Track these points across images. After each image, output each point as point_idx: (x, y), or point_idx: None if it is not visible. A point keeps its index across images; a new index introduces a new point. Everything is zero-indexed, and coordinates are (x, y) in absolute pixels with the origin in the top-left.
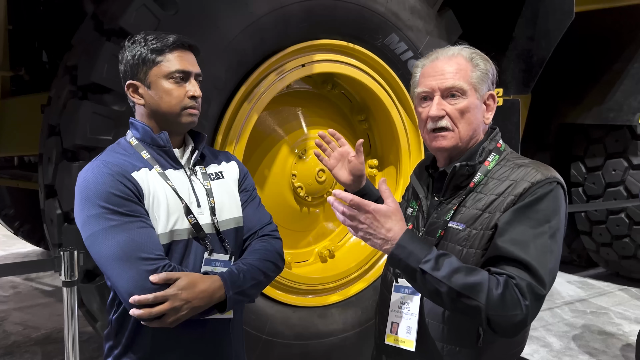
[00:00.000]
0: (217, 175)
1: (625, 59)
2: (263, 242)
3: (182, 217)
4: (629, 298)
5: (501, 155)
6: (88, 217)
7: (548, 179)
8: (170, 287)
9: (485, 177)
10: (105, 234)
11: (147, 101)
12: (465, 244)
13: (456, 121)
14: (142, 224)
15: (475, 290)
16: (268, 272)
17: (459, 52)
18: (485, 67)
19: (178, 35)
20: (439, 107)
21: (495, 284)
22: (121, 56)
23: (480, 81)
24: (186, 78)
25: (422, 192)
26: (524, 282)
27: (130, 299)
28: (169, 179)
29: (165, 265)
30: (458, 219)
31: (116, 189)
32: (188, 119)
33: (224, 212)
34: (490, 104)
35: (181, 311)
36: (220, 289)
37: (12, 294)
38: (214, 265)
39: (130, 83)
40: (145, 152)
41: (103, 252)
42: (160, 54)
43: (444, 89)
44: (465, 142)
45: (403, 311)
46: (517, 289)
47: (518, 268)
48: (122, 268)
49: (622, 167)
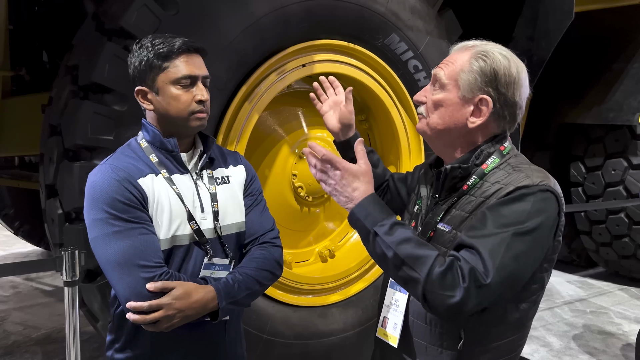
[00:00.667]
0: (223, 179)
1: (625, 59)
2: (262, 249)
3: (184, 223)
4: (629, 298)
5: (502, 158)
6: (93, 220)
7: (536, 185)
8: (165, 296)
9: (480, 180)
10: (108, 239)
11: (155, 107)
12: (449, 246)
13: (428, 111)
14: (144, 231)
15: (418, 262)
16: (264, 282)
17: (472, 47)
18: (479, 68)
19: (184, 39)
20: (421, 93)
21: (440, 262)
22: (129, 61)
23: (467, 81)
24: (193, 82)
25: (424, 190)
26: (468, 265)
27: (127, 304)
28: (174, 184)
29: (163, 273)
30: (447, 220)
31: (121, 195)
32: (197, 123)
33: (227, 217)
34: (482, 109)
35: (174, 319)
36: (214, 300)
37: (12, 294)
38: (213, 269)
39: (139, 89)
40: (153, 156)
41: (105, 255)
42: (167, 59)
43: (433, 76)
44: (436, 135)
45: (392, 307)
46: (460, 270)
47: (469, 253)
48: (121, 273)
49: (622, 167)
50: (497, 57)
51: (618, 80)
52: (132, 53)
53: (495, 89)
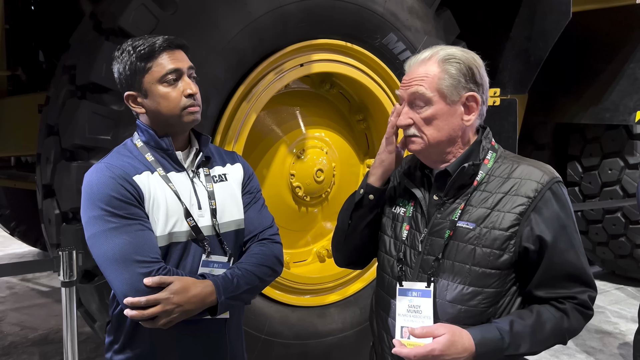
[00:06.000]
0: (220, 177)
1: (622, 59)
2: (262, 246)
3: (181, 219)
4: (625, 297)
5: (497, 152)
6: (90, 218)
7: (554, 178)
8: (163, 291)
9: (486, 175)
10: (105, 236)
11: (147, 109)
12: (477, 243)
13: (423, 129)
14: (141, 227)
15: (557, 338)
16: (264, 277)
17: (432, 56)
18: (457, 70)
19: (164, 37)
20: (405, 116)
21: (563, 319)
22: (114, 68)
23: (451, 86)
24: (179, 77)
25: (418, 192)
26: (584, 295)
27: (125, 300)
28: (170, 182)
29: (160, 268)
30: (466, 218)
31: (117, 192)
32: (190, 118)
33: (225, 215)
34: (471, 105)
35: (173, 314)
36: (212, 294)
37: (9, 295)
38: (211, 267)
39: (129, 95)
40: (149, 155)
41: (102, 252)
42: (149, 59)
43: (410, 96)
44: (438, 146)
45: (412, 314)
46: (581, 306)
47: (574, 283)
48: (118, 269)
49: (619, 166)
50: (460, 54)
51: (614, 80)
52: (115, 60)
53: (474, 82)
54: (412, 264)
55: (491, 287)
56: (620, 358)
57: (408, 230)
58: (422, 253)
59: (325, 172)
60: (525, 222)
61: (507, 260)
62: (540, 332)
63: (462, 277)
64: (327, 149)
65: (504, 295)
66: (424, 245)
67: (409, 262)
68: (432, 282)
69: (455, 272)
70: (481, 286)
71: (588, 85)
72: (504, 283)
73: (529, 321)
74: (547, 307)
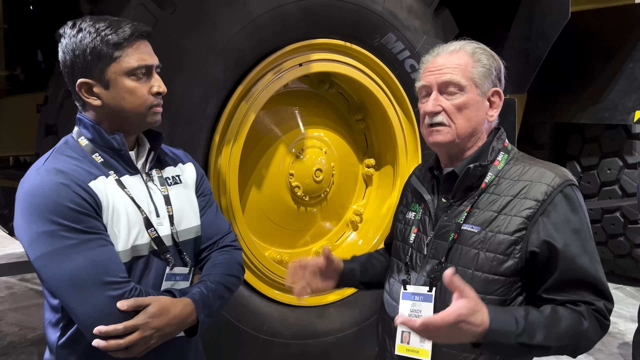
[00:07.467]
0: (174, 179)
1: (620, 59)
2: (224, 254)
3: (142, 230)
4: (624, 297)
5: (509, 154)
6: (39, 235)
7: (567, 180)
8: (140, 315)
9: (496, 177)
10: (62, 255)
11: (105, 102)
12: (482, 247)
13: (453, 117)
14: (103, 242)
15: (572, 339)
16: (232, 288)
17: (461, 47)
18: (488, 62)
19: (131, 23)
20: (435, 103)
21: (581, 320)
22: (63, 48)
23: (482, 77)
24: (149, 72)
25: (427, 194)
26: (599, 302)
27: (95, 330)
28: (126, 187)
29: (132, 289)
30: (472, 221)
31: (72, 202)
32: (154, 118)
33: (183, 221)
34: (495, 101)
35: (151, 340)
36: (193, 313)
37: (8, 295)
38: (174, 280)
39: (83, 82)
40: (97, 155)
41: (59, 275)
42: (118, 47)
43: (441, 84)
44: (463, 139)
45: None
46: (598, 313)
47: (588, 292)
48: (83, 294)
49: (617, 166)
50: (489, 50)
51: (613, 79)
52: (64, 38)
53: (499, 79)
54: (417, 267)
55: (495, 294)
56: (619, 357)
57: (416, 234)
58: (427, 256)
59: (324, 171)
60: (533, 226)
61: (511, 267)
62: (556, 326)
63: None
64: (326, 149)
65: (510, 304)
66: (430, 248)
67: (415, 265)
68: (434, 287)
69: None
70: (484, 293)
71: (587, 85)
72: (509, 291)
73: (545, 313)
74: (562, 307)
